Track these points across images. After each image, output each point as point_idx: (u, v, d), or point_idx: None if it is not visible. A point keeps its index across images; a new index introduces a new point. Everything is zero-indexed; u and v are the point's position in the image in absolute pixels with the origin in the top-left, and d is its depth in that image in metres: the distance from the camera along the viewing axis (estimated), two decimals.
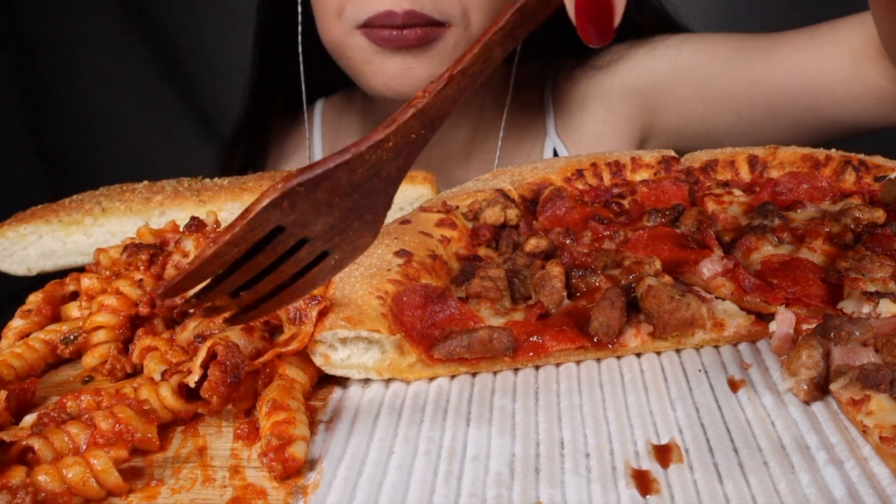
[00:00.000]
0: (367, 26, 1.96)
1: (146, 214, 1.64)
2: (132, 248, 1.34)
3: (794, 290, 1.20)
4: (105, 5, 3.21)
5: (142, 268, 1.29)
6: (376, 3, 1.93)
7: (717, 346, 1.18)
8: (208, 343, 1.05)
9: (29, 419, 1.03)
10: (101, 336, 1.21)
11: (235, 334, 1.11)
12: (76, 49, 3.20)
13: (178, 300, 1.17)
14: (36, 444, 0.96)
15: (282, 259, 0.95)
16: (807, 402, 1.03)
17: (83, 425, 0.99)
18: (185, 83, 3.42)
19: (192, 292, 0.95)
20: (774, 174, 1.56)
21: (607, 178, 1.58)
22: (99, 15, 3.20)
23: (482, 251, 1.37)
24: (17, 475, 0.90)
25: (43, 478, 0.91)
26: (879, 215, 1.34)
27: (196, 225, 1.34)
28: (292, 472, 0.95)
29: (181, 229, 1.35)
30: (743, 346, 1.18)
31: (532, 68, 2.43)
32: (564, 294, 1.21)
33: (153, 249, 1.33)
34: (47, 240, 1.64)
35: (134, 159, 3.03)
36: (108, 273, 1.30)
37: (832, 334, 1.07)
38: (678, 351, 1.17)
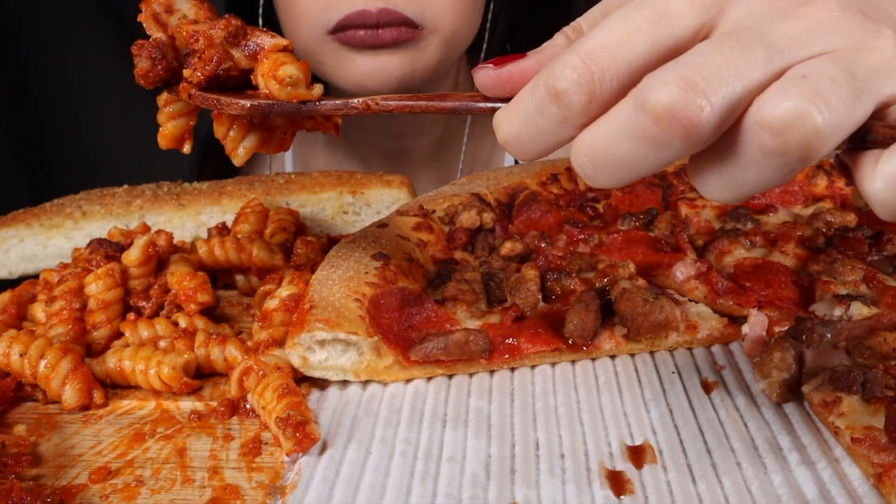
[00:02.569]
0: (339, 30, 1.94)
1: (126, 218, 1.65)
2: (95, 243, 1.35)
3: (767, 292, 1.21)
4: (87, 11, 3.20)
5: (102, 262, 1.31)
6: (348, 3, 1.92)
7: (690, 349, 1.19)
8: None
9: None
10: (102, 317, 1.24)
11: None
12: (57, 54, 3.18)
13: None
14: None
15: None
16: (779, 404, 1.04)
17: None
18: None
19: None
20: None
21: (582, 183, 1.58)
22: (80, 20, 3.19)
23: (458, 254, 1.38)
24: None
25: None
26: (851, 219, 1.35)
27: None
28: (308, 447, 0.98)
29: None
30: (716, 349, 1.19)
31: None
32: (539, 297, 1.22)
33: (114, 248, 1.34)
34: (28, 243, 1.64)
35: (114, 164, 3.02)
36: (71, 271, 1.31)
37: (804, 337, 1.07)
38: (652, 353, 1.18)
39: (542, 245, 1.40)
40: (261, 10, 2.23)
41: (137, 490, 0.95)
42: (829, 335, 1.07)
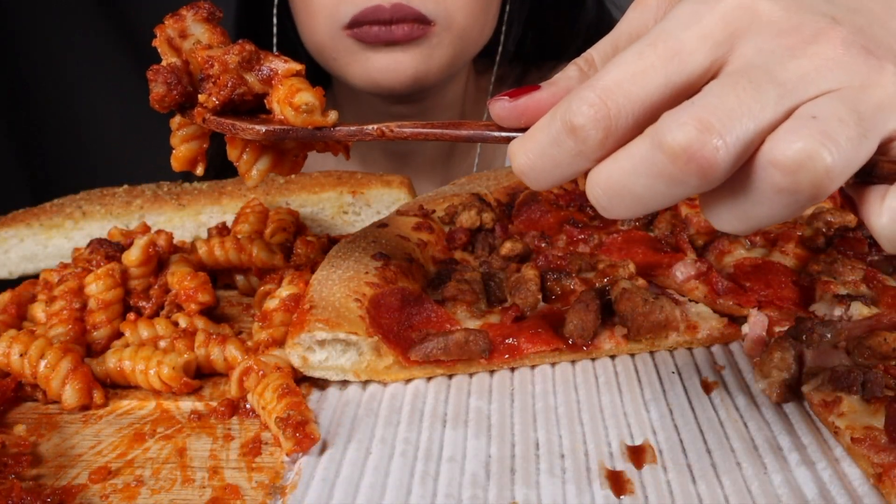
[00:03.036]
0: (354, 25, 1.95)
1: (126, 218, 1.65)
2: (95, 243, 1.35)
3: (767, 292, 1.21)
4: (87, 11, 3.21)
5: (102, 262, 1.31)
6: None
7: (690, 349, 1.19)
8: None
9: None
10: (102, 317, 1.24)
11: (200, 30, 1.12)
12: (57, 54, 3.19)
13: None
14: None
15: None
16: (779, 404, 1.04)
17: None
18: None
19: None
20: None
21: (582, 183, 1.58)
22: (80, 20, 3.19)
23: (458, 255, 1.37)
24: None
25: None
26: (851, 219, 1.34)
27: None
28: (308, 447, 0.98)
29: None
30: (716, 349, 1.19)
31: (510, 72, 2.44)
32: (539, 297, 1.22)
33: (114, 248, 1.34)
34: (28, 243, 1.64)
35: (114, 164, 3.03)
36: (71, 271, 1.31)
37: (804, 337, 1.07)
38: (652, 353, 1.18)
39: (542, 245, 1.39)
40: (275, 10, 2.23)
41: (137, 490, 0.95)
42: (829, 335, 1.07)
